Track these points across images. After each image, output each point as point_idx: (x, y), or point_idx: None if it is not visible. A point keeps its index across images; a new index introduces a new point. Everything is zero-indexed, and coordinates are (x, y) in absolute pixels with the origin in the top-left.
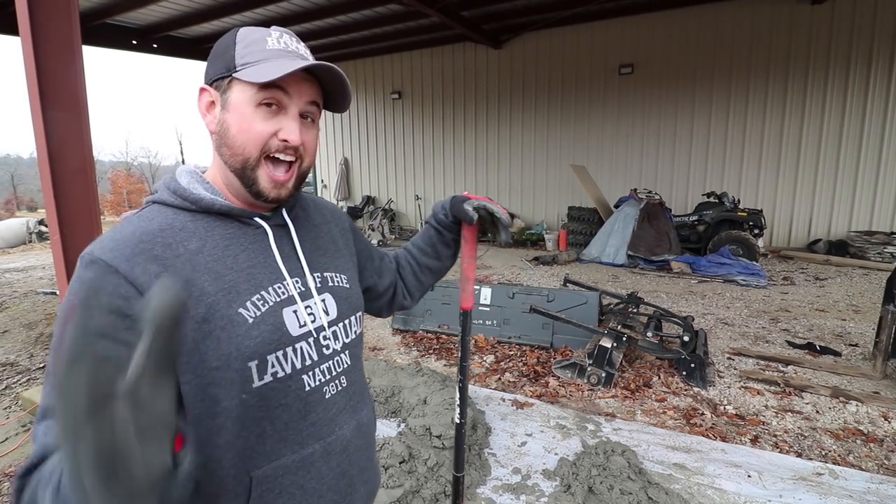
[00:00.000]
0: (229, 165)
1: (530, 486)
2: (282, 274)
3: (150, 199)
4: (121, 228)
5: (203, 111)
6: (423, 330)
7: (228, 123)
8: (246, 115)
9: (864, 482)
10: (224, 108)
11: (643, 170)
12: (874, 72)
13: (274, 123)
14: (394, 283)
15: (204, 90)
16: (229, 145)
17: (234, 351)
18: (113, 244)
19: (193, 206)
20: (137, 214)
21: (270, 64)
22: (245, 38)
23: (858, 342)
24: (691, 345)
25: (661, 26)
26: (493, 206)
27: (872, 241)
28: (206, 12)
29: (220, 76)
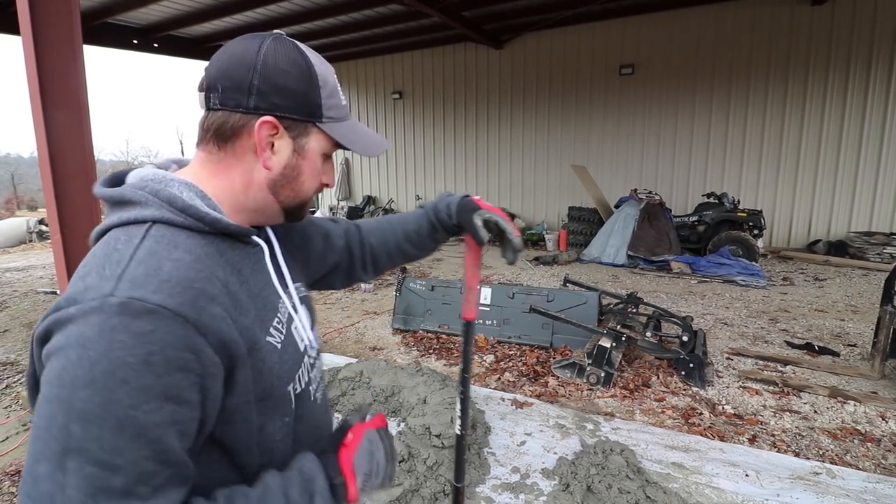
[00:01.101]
0: (283, 203)
1: (529, 485)
2: (279, 292)
3: (146, 217)
4: (152, 261)
5: (263, 144)
6: (424, 330)
7: (301, 170)
8: (317, 165)
9: (861, 482)
10: (298, 154)
11: (643, 170)
12: (874, 73)
13: (323, 169)
14: (347, 256)
15: (271, 124)
16: (295, 189)
17: (276, 380)
18: (164, 286)
19: (206, 227)
20: (153, 239)
21: (353, 128)
22: (325, 82)
23: (857, 342)
24: (690, 345)
25: (662, 27)
26: (504, 224)
27: (872, 242)
28: (208, 12)
29: (296, 118)
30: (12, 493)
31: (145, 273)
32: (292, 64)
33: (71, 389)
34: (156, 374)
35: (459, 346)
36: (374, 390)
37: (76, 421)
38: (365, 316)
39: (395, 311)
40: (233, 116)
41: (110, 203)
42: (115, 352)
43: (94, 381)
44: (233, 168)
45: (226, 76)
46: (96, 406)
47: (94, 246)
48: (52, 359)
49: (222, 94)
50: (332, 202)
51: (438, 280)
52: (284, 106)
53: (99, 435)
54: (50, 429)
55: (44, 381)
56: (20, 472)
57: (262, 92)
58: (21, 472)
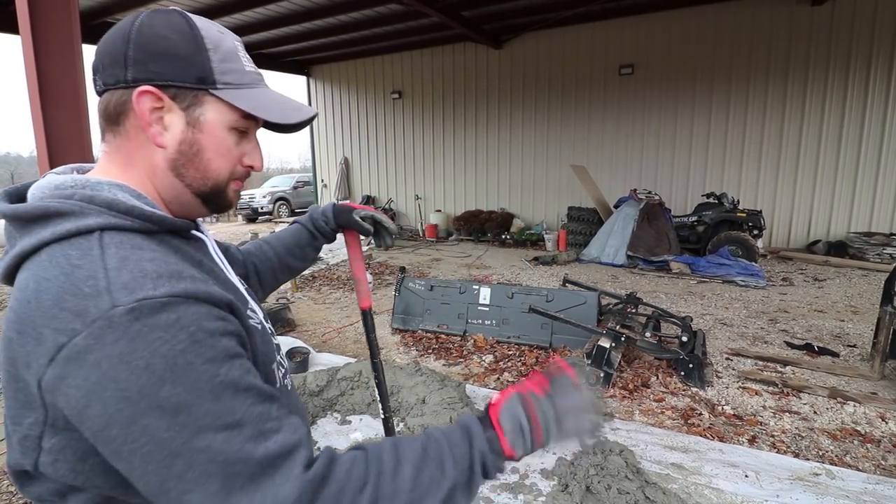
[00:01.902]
0: (192, 187)
1: (528, 485)
2: (235, 283)
3: (90, 226)
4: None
5: (146, 119)
6: (422, 330)
7: (202, 145)
8: (223, 140)
9: (860, 482)
10: (193, 127)
11: (643, 170)
12: (874, 73)
13: (241, 148)
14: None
15: (149, 93)
16: (199, 168)
17: (263, 358)
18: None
19: (155, 226)
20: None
21: (261, 95)
22: (218, 46)
23: (857, 343)
24: (690, 345)
25: (662, 27)
26: (379, 216)
27: (871, 243)
28: (207, 11)
29: (184, 85)
30: (12, 491)
31: (132, 277)
32: (173, 30)
33: (149, 398)
34: (208, 346)
35: (459, 347)
36: (373, 390)
37: (176, 414)
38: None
39: (394, 310)
40: (115, 94)
41: (26, 220)
42: (160, 349)
43: (163, 378)
44: (133, 155)
45: (104, 52)
46: (182, 392)
47: (18, 277)
48: (94, 400)
49: (103, 72)
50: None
51: (437, 280)
52: (165, 73)
53: (205, 410)
54: (158, 441)
55: (103, 424)
56: None
57: (138, 61)
58: None
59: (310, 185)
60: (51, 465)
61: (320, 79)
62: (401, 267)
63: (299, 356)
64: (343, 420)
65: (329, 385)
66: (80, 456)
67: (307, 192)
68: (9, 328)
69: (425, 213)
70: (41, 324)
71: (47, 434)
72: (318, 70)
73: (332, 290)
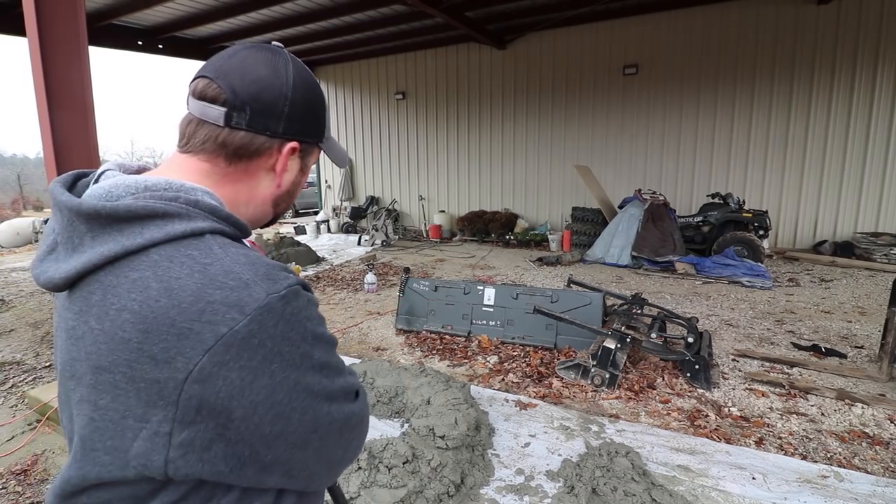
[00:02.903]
0: (277, 213)
1: (534, 487)
2: None
3: (203, 229)
4: (259, 261)
5: (284, 166)
6: (427, 330)
7: (297, 184)
8: (304, 179)
9: (869, 485)
10: (302, 172)
11: (647, 170)
12: (880, 72)
13: None
14: None
15: (296, 150)
16: (290, 201)
17: None
18: (285, 272)
19: (240, 232)
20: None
21: (334, 142)
22: (326, 106)
23: (864, 344)
24: (696, 346)
25: (666, 26)
26: None
27: (878, 243)
28: (212, 13)
29: (311, 141)
30: (18, 491)
31: (266, 270)
32: (315, 92)
33: (307, 361)
34: (320, 318)
35: (463, 348)
36: (377, 391)
37: (323, 369)
38: (368, 316)
39: (399, 311)
40: (258, 138)
41: (124, 219)
42: (306, 324)
43: (313, 345)
44: (240, 182)
45: (256, 100)
46: (323, 354)
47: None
48: (260, 374)
49: (251, 116)
50: (335, 202)
51: (442, 280)
52: (307, 132)
53: (334, 363)
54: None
55: (268, 393)
56: (27, 472)
57: (292, 119)
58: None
59: (314, 186)
60: (182, 457)
61: (324, 79)
62: (405, 268)
63: None
64: None
65: None
66: (206, 444)
67: (311, 192)
68: (124, 329)
69: (429, 213)
70: (183, 319)
71: (176, 430)
72: (322, 71)
73: (336, 291)
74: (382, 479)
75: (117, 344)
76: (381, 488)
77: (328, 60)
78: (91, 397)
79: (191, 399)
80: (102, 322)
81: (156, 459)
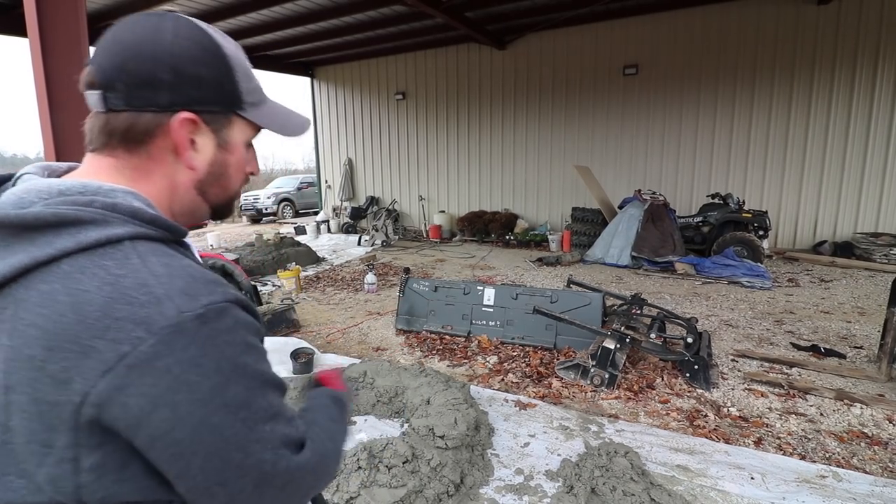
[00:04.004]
0: (212, 202)
1: (533, 486)
2: None
3: (120, 235)
4: (184, 272)
5: (185, 144)
6: (427, 330)
7: (227, 164)
8: (241, 156)
9: (868, 485)
10: (223, 148)
11: (647, 171)
12: (880, 72)
13: (248, 158)
14: None
15: (192, 122)
16: (223, 185)
17: None
18: (212, 286)
19: (171, 235)
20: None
21: (275, 110)
22: (240, 66)
23: (863, 344)
24: (695, 346)
25: (666, 27)
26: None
27: (878, 243)
28: (212, 13)
29: (216, 110)
30: None
31: (186, 283)
32: (202, 49)
33: (219, 398)
34: (255, 346)
35: (463, 348)
36: (377, 391)
37: (239, 411)
38: (368, 316)
39: (399, 311)
40: (143, 117)
41: (32, 227)
42: (225, 351)
43: (230, 378)
44: (152, 173)
45: (123, 70)
46: (243, 391)
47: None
48: (161, 405)
49: (127, 92)
50: (335, 203)
51: (442, 281)
52: (203, 98)
53: (259, 405)
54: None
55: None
56: None
57: (174, 86)
58: None
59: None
60: (96, 481)
61: (324, 80)
62: (405, 268)
63: (304, 357)
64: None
65: None
66: (121, 464)
67: (311, 193)
68: (30, 346)
69: (429, 213)
70: (88, 336)
71: (84, 455)
72: (321, 71)
73: (336, 291)
74: (382, 478)
75: (24, 362)
76: (380, 488)
77: (328, 61)
78: (2, 419)
79: (91, 424)
80: (13, 338)
81: (65, 486)
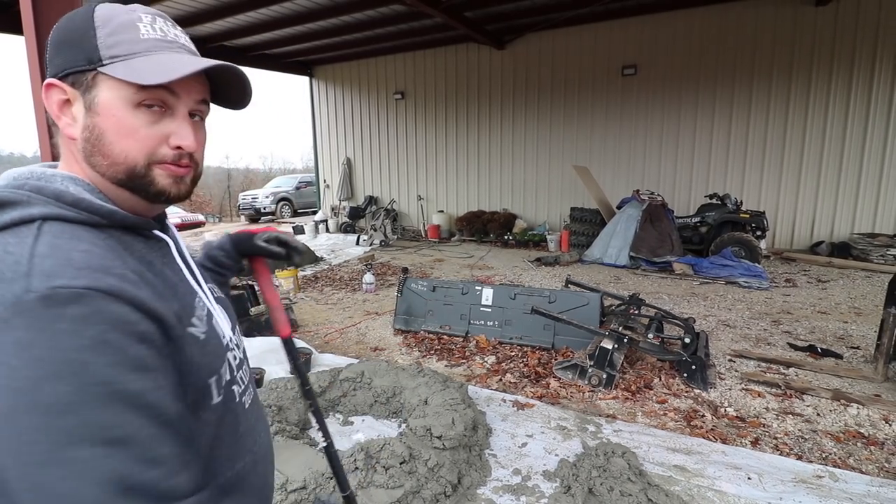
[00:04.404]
0: (109, 177)
1: (530, 487)
2: (193, 288)
3: (33, 215)
4: (65, 255)
5: (55, 112)
6: (425, 330)
7: (101, 129)
8: (124, 119)
9: (864, 485)
10: (90, 111)
11: (646, 171)
12: (878, 73)
13: (161, 127)
14: None
15: (53, 86)
16: (106, 154)
17: (196, 370)
18: (86, 272)
19: (104, 220)
20: (51, 235)
21: (153, 59)
22: (109, 21)
23: (860, 345)
24: (692, 346)
25: (665, 28)
26: (284, 236)
27: (875, 244)
28: (210, 12)
29: (77, 69)
30: None
31: (56, 264)
32: (68, 18)
33: (34, 393)
34: (116, 348)
35: (461, 348)
36: (375, 391)
37: (59, 416)
38: (366, 316)
39: (397, 311)
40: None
41: None
42: (62, 341)
43: (55, 374)
44: (66, 152)
45: (49, 51)
46: (71, 393)
47: None
48: None
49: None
50: (334, 202)
51: (440, 281)
52: (63, 63)
53: (90, 418)
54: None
55: None
56: None
57: (52, 57)
58: None
59: (312, 186)
60: None
61: (323, 79)
62: (403, 268)
63: (302, 357)
64: (345, 421)
65: (331, 386)
66: None
67: (310, 192)
68: None
69: (428, 213)
70: None
71: None
72: (320, 70)
73: (334, 291)
74: (379, 479)
75: None
76: (377, 488)
77: (327, 60)
78: None
79: None
80: None
81: None
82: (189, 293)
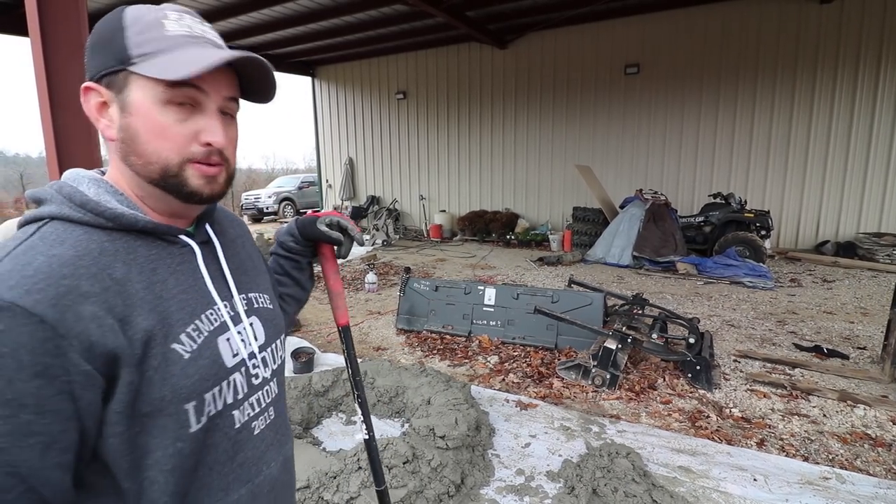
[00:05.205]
0: (144, 176)
1: (534, 487)
2: (212, 298)
3: (44, 214)
4: (25, 257)
5: (94, 115)
6: (427, 330)
7: (135, 129)
8: (155, 118)
9: (871, 487)
10: (125, 112)
11: (649, 170)
12: (884, 71)
13: (191, 124)
14: None
15: (90, 89)
16: (140, 154)
17: (169, 393)
18: (26, 281)
19: (110, 223)
20: (39, 236)
21: (178, 55)
22: (137, 21)
23: (867, 345)
24: (697, 347)
25: (668, 26)
26: (344, 221)
27: (881, 243)
28: (213, 13)
29: (111, 70)
30: None
31: (11, 269)
32: (102, 21)
33: None
34: (5, 378)
35: (464, 348)
36: (378, 391)
37: None
38: (369, 316)
39: (399, 311)
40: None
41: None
42: None
43: None
44: (110, 155)
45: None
46: None
47: None
48: None
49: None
50: (336, 202)
51: (442, 280)
52: (98, 66)
53: None
54: None
55: None
56: None
57: (89, 61)
58: None
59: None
60: None
61: (325, 79)
62: (406, 267)
63: (305, 356)
64: (348, 420)
65: (334, 385)
66: None
67: (312, 192)
68: None
69: (430, 213)
70: None
71: None
72: (322, 71)
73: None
74: None
75: None
76: None
77: (329, 60)
78: None
79: None
80: None
81: None
82: (195, 305)
